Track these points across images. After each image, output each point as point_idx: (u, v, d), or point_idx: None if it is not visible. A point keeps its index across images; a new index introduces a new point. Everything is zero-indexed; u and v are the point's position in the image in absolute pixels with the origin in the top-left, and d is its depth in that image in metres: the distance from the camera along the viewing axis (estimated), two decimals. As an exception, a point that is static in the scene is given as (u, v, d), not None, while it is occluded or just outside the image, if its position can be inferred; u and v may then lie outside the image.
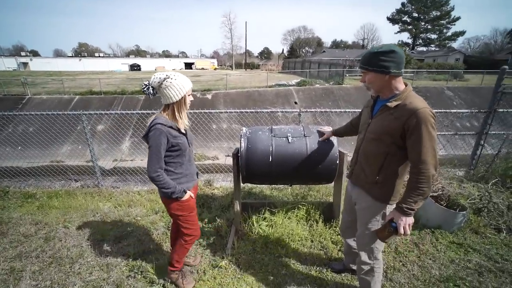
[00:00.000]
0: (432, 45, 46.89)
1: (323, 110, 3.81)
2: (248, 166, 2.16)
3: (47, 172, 4.26)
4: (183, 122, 1.61)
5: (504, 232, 2.45)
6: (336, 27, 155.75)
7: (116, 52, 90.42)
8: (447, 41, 45.88)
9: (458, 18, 43.58)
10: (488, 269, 2.03)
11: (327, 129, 2.15)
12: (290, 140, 2.16)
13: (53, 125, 7.83)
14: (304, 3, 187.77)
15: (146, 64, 49.09)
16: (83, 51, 78.91)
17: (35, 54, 69.36)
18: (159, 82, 1.49)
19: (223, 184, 3.77)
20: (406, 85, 1.35)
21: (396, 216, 1.32)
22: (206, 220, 2.67)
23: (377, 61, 1.29)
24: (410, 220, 1.30)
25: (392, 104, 1.32)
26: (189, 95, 1.58)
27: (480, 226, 2.48)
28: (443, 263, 2.11)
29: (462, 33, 44.85)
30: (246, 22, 52.34)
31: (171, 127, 1.53)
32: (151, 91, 1.52)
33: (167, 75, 1.48)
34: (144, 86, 1.52)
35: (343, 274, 1.99)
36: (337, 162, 2.15)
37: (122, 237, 2.45)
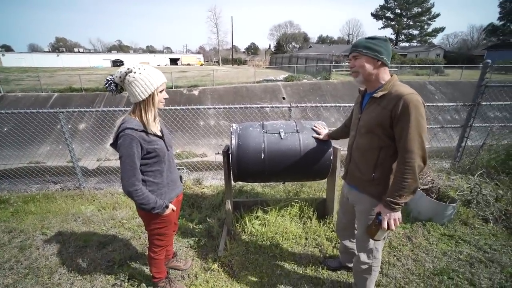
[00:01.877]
0: (414, 41, 48.19)
1: (313, 105, 3.76)
2: (239, 164, 2.06)
3: (23, 174, 3.98)
4: (154, 125, 1.36)
5: (491, 222, 2.51)
6: (321, 22, 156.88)
7: (97, 47, 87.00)
8: (428, 37, 47.29)
9: (438, 15, 44.97)
10: (478, 260, 2.07)
11: (322, 129, 2.08)
12: (282, 136, 2.08)
13: (30, 124, 7.37)
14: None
15: (129, 60, 47.33)
16: (61, 46, 75.16)
17: (7, 49, 65.28)
18: (121, 77, 1.26)
19: (213, 182, 3.66)
20: (391, 75, 1.32)
21: (382, 210, 1.27)
22: (196, 221, 2.57)
23: (371, 45, 1.26)
24: (396, 215, 1.24)
25: (378, 94, 1.27)
26: (160, 92, 1.33)
27: (469, 217, 2.53)
28: (436, 255, 2.13)
29: (441, 29, 46.38)
30: (232, 17, 51.49)
31: (143, 131, 1.30)
32: (113, 87, 1.29)
33: (129, 68, 1.25)
34: (105, 82, 1.29)
35: (339, 272, 1.96)
36: (331, 158, 2.10)
37: (106, 242, 2.30)
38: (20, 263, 2.06)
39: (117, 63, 43.74)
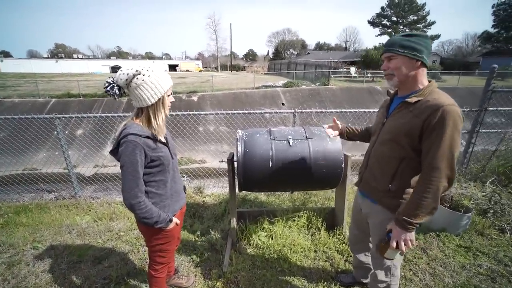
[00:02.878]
0: (411, 48, 48.86)
1: (318, 110, 3.67)
2: (246, 173, 1.94)
3: (16, 182, 3.82)
4: (162, 131, 1.27)
5: (508, 232, 2.39)
6: (319, 29, 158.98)
7: (96, 53, 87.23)
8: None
9: (433, 23, 45.66)
10: (500, 274, 1.94)
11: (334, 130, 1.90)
12: (291, 143, 1.97)
13: (25, 131, 7.21)
14: (288, 6, 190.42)
15: (128, 66, 47.49)
16: (60, 52, 75.31)
17: (6, 55, 65.26)
18: (127, 80, 1.13)
19: (215, 191, 3.52)
20: (429, 81, 1.18)
21: (394, 229, 1.14)
22: (198, 232, 2.43)
23: (409, 43, 1.11)
24: (409, 235, 1.11)
25: (413, 99, 1.13)
26: (168, 96, 1.24)
27: (485, 227, 2.41)
28: (454, 269, 2.00)
29: (437, 36, 47.01)
30: (231, 24, 51.98)
31: (148, 137, 1.19)
32: (117, 91, 1.16)
33: (137, 70, 1.13)
34: (106, 85, 1.15)
35: (353, 288, 1.83)
36: (343, 165, 1.98)
37: (102, 257, 2.15)
38: (7, 281, 1.89)
39: (115, 69, 43.78)
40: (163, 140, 1.30)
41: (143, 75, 1.14)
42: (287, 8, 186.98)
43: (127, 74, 1.14)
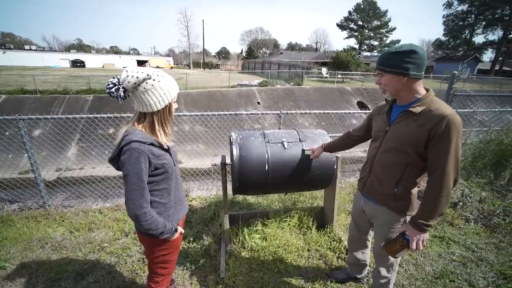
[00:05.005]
0: (375, 51, 52.15)
1: (303, 111, 3.75)
2: (241, 176, 1.93)
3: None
4: (168, 138, 1.22)
5: (473, 222, 2.69)
6: (291, 30, 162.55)
7: (53, 45, 79.45)
8: (386, 48, 51.66)
9: (394, 29, 49.43)
10: (470, 260, 2.18)
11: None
12: (286, 146, 2.00)
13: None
14: (260, 5, 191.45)
15: (91, 60, 43.86)
16: (8, 42, 67.06)
17: None
18: (135, 83, 1.07)
19: (200, 193, 3.43)
20: (427, 90, 1.26)
21: (410, 231, 1.23)
22: (189, 238, 2.35)
23: (394, 62, 1.17)
24: (425, 236, 1.22)
25: (417, 109, 1.20)
26: (174, 102, 1.21)
27: (454, 218, 2.69)
28: (433, 258, 2.20)
29: (398, 41, 50.96)
30: (203, 20, 50.65)
31: (152, 144, 1.13)
32: (122, 93, 1.08)
33: (148, 74, 1.08)
34: (110, 86, 1.07)
35: (347, 284, 1.91)
36: (335, 166, 2.06)
37: (85, 271, 1.98)
38: (-27, 308, 1.66)
39: (77, 64, 40.33)
40: (166, 146, 1.24)
41: (153, 80, 1.09)
42: (260, 7, 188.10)
43: (137, 77, 1.07)
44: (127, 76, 1.07)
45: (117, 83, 1.08)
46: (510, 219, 2.63)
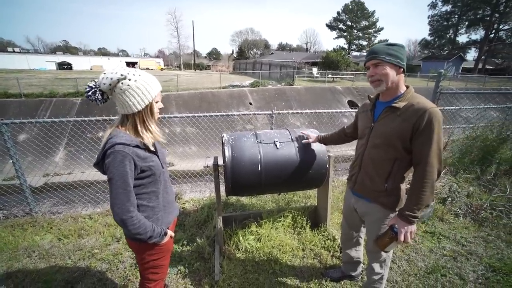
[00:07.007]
0: (364, 51, 53.02)
1: (295, 111, 3.77)
2: (234, 177, 1.91)
3: None
4: (153, 137, 1.18)
5: (461, 216, 2.76)
6: (281, 30, 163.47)
7: (38, 47, 77.18)
8: (375, 48, 52.49)
9: (382, 29, 50.45)
10: (460, 254, 2.23)
11: (311, 133, 2.03)
12: (278, 146, 2.00)
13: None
14: (250, 6, 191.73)
15: (79, 62, 42.86)
16: (-12, 45, 64.80)
17: None
18: (110, 84, 1.04)
19: (193, 196, 3.39)
20: (407, 87, 1.30)
21: (399, 223, 1.26)
22: (183, 241, 2.31)
23: (394, 52, 1.22)
24: (413, 227, 1.24)
25: (400, 104, 1.24)
26: (157, 102, 1.17)
27: (443, 213, 2.75)
28: (425, 254, 2.24)
29: (386, 41, 52.00)
30: (193, 21, 50.43)
31: (137, 146, 1.10)
32: (99, 96, 1.06)
33: (122, 74, 1.04)
34: (88, 89, 1.05)
35: (342, 282, 1.92)
36: (327, 165, 2.08)
37: (75, 279, 1.92)
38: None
39: (64, 66, 39.35)
40: (152, 148, 1.20)
41: (129, 79, 1.06)
42: (250, 8, 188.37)
43: (111, 78, 1.04)
44: (102, 78, 1.05)
45: (94, 86, 1.06)
46: (496, 212, 2.71)
